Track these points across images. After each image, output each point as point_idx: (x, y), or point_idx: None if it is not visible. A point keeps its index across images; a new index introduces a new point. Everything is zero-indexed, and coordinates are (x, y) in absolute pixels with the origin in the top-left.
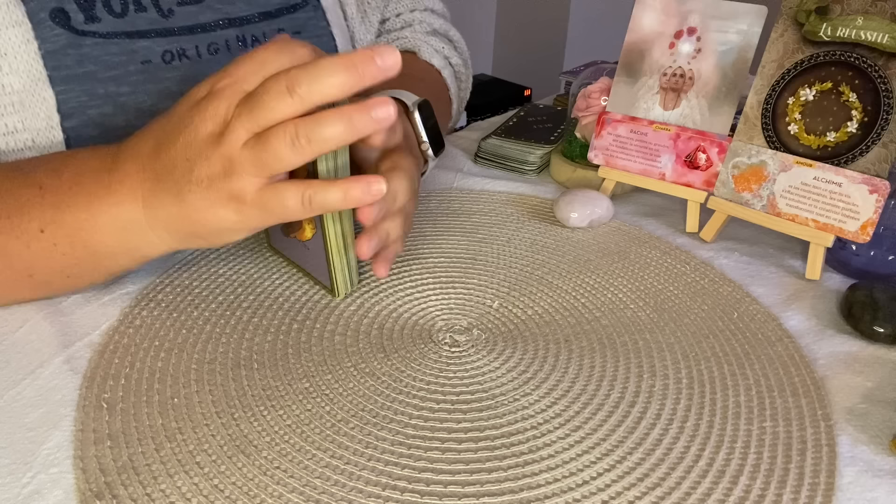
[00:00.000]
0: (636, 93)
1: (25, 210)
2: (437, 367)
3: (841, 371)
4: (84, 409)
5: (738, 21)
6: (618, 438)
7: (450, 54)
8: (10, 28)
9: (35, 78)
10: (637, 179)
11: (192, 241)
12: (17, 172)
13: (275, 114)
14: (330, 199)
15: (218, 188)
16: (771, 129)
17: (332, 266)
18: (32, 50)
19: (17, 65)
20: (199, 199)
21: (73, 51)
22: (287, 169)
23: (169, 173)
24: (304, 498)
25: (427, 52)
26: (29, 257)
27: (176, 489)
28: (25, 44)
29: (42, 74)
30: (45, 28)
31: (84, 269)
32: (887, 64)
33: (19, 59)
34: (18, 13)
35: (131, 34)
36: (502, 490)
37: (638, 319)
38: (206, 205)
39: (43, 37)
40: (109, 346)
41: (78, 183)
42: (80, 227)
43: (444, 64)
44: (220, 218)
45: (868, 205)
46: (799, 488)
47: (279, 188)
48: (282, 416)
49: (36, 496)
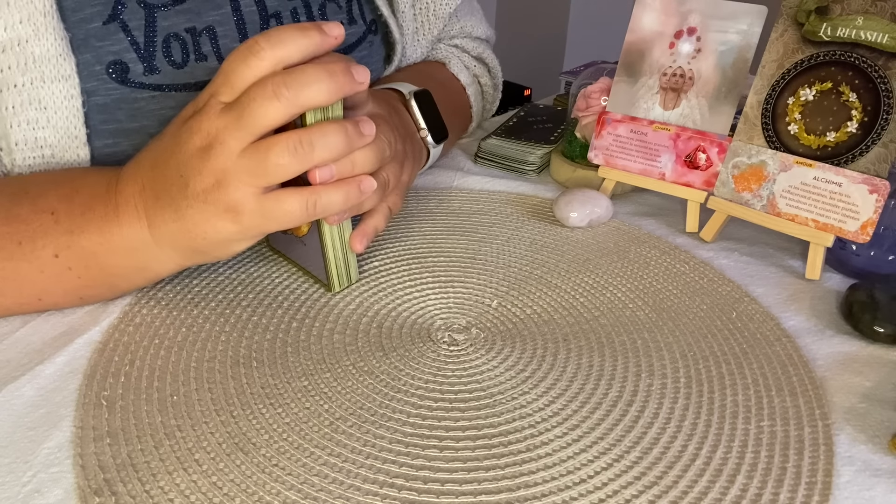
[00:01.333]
0: (636, 93)
1: (38, 236)
2: (436, 366)
3: (840, 371)
4: (84, 407)
5: (738, 21)
6: (615, 437)
7: (480, 73)
8: (55, 82)
9: (71, 135)
10: (637, 179)
11: (197, 256)
12: (25, 197)
13: (264, 120)
14: (333, 202)
15: (214, 201)
16: (771, 129)
17: (327, 260)
18: (75, 106)
19: (55, 120)
20: (197, 213)
21: (125, 105)
22: (288, 178)
23: (166, 191)
24: (302, 495)
25: (456, 65)
26: (42, 282)
27: (175, 486)
28: (68, 100)
29: (80, 132)
30: (97, 81)
31: (98, 291)
32: (887, 64)
33: (59, 114)
34: (67, 67)
35: (189, 86)
36: (499, 488)
37: (637, 319)
38: (204, 218)
39: (94, 91)
40: (109, 345)
41: (90, 208)
42: (94, 250)
43: (470, 81)
44: (219, 229)
45: (868, 205)
46: (796, 487)
47: (280, 196)
48: (280, 415)
49: (36, 495)
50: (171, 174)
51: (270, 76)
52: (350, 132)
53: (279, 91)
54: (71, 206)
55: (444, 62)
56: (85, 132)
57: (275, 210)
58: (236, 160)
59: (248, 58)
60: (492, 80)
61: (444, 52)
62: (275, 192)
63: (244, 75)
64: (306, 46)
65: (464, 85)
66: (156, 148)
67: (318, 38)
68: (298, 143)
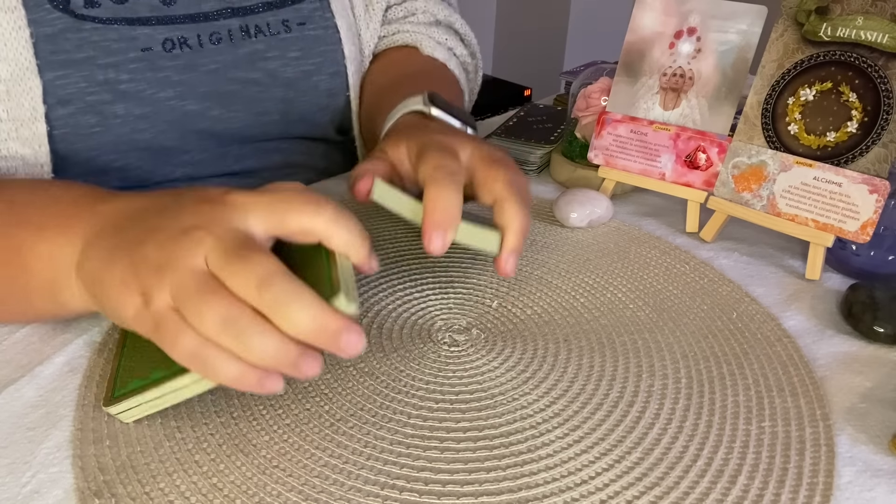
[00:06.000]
0: (636, 93)
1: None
2: (436, 367)
3: (840, 371)
4: (83, 408)
5: (738, 21)
6: (616, 438)
7: (454, 45)
8: (1, 14)
9: (23, 67)
10: (637, 179)
11: (97, 305)
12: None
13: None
14: (222, 371)
15: (141, 276)
16: (771, 129)
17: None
18: (24, 38)
19: (5, 52)
20: (119, 272)
21: (72, 35)
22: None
23: (127, 231)
24: (303, 497)
25: (429, 46)
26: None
27: (175, 488)
28: (16, 31)
29: (31, 63)
30: (42, 11)
31: (11, 293)
32: (887, 64)
33: (9, 46)
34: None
35: (132, 20)
36: (500, 489)
37: (637, 319)
38: (119, 281)
39: (40, 20)
40: (109, 345)
41: (44, 206)
42: (22, 244)
43: (447, 56)
44: (121, 302)
45: (868, 205)
46: (797, 488)
47: (183, 326)
48: (280, 416)
49: (35, 496)
50: (147, 225)
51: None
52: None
53: (318, 205)
54: (33, 198)
55: (416, 46)
56: (35, 63)
57: (168, 335)
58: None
59: (308, 205)
60: (467, 49)
61: (412, 34)
62: (174, 313)
63: (295, 217)
64: (353, 248)
65: (443, 61)
66: (160, 198)
67: (362, 255)
68: (236, 326)
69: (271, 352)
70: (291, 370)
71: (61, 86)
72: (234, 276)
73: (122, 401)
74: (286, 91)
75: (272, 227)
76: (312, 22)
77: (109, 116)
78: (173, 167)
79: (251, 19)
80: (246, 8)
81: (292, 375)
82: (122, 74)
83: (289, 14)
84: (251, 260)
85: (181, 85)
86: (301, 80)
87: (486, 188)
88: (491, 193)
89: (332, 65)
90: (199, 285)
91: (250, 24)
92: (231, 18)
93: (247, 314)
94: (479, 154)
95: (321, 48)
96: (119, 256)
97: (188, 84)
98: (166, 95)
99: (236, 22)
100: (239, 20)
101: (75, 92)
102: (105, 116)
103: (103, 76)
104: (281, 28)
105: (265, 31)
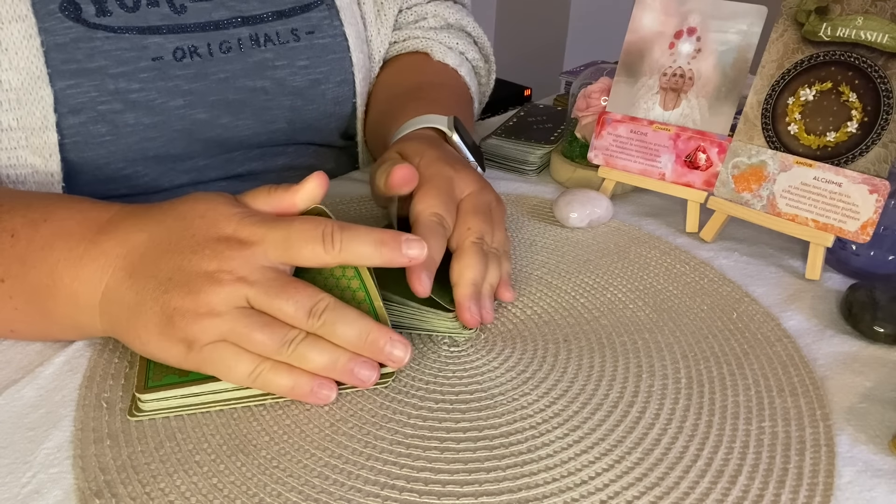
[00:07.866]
0: (636, 93)
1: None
2: (436, 367)
3: (840, 371)
4: (84, 408)
5: (738, 21)
6: (616, 438)
7: (465, 49)
8: (12, 22)
9: (34, 75)
10: (637, 179)
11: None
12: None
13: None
14: (277, 385)
15: (180, 326)
16: (771, 129)
17: None
18: (34, 46)
19: (17, 61)
20: (152, 323)
21: (83, 44)
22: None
23: (144, 277)
24: (303, 497)
25: (440, 52)
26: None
27: (175, 488)
28: (27, 39)
29: (42, 72)
30: (54, 20)
31: (30, 329)
32: (887, 64)
33: (20, 55)
34: (23, 7)
35: (143, 29)
36: (500, 490)
37: (637, 319)
38: (156, 332)
39: (51, 29)
40: (109, 346)
41: (50, 245)
42: (39, 291)
43: (459, 61)
44: (162, 349)
45: (868, 205)
46: (798, 488)
47: (236, 352)
48: (280, 416)
49: (35, 496)
50: (161, 268)
51: (326, 223)
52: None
53: (328, 241)
54: (33, 234)
55: (427, 52)
56: (46, 72)
57: (223, 366)
58: (234, 310)
59: (317, 243)
60: (479, 53)
61: (423, 40)
62: (229, 344)
63: (304, 254)
64: (376, 260)
65: (454, 67)
66: (161, 224)
67: (389, 254)
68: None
69: (327, 359)
70: (348, 376)
71: (72, 95)
72: (282, 311)
73: (156, 391)
74: (294, 99)
75: (289, 259)
76: (321, 31)
77: (120, 125)
78: (179, 174)
79: (260, 28)
80: (256, 17)
81: (348, 382)
82: (133, 84)
83: (298, 23)
84: (292, 295)
85: (191, 94)
86: (309, 88)
87: (455, 234)
88: (455, 240)
89: (339, 73)
90: (250, 322)
91: (259, 32)
92: (241, 27)
93: (302, 334)
94: (472, 202)
95: (329, 57)
96: (148, 305)
97: (198, 93)
98: (176, 104)
99: (246, 31)
100: (249, 29)
101: (86, 101)
102: (116, 125)
103: (114, 85)
104: (290, 37)
105: (274, 39)
